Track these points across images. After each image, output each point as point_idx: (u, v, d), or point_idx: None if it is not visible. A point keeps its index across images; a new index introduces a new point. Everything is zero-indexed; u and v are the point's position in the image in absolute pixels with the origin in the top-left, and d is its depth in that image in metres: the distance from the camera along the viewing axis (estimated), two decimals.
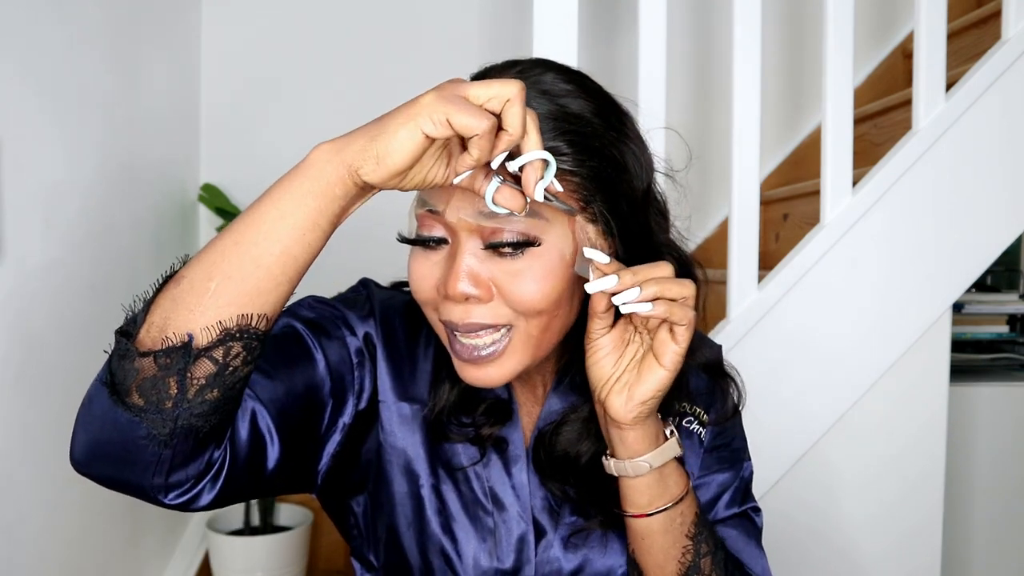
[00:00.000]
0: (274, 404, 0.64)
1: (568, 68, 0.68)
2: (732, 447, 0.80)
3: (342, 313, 0.74)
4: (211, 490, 0.58)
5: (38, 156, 1.26)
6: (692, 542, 0.69)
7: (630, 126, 0.69)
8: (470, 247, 0.62)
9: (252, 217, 0.54)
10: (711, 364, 0.78)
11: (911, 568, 1.49)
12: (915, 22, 1.46)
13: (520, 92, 0.53)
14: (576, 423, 0.73)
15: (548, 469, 0.73)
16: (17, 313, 1.20)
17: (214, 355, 0.52)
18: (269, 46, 2.14)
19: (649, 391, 0.64)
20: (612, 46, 2.23)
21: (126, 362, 0.53)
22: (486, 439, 0.74)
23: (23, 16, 1.20)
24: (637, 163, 0.68)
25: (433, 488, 0.73)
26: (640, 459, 0.67)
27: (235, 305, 0.52)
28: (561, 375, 0.75)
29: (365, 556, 0.77)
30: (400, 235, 0.66)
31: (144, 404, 0.52)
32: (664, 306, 0.61)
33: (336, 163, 0.53)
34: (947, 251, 1.45)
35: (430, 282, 0.65)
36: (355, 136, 0.54)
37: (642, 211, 0.68)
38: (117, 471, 0.55)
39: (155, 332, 0.52)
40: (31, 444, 1.22)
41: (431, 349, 0.76)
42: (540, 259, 0.62)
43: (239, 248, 0.53)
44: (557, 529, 0.74)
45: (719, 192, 2.25)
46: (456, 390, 0.73)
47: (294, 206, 0.53)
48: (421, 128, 0.51)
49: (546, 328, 0.65)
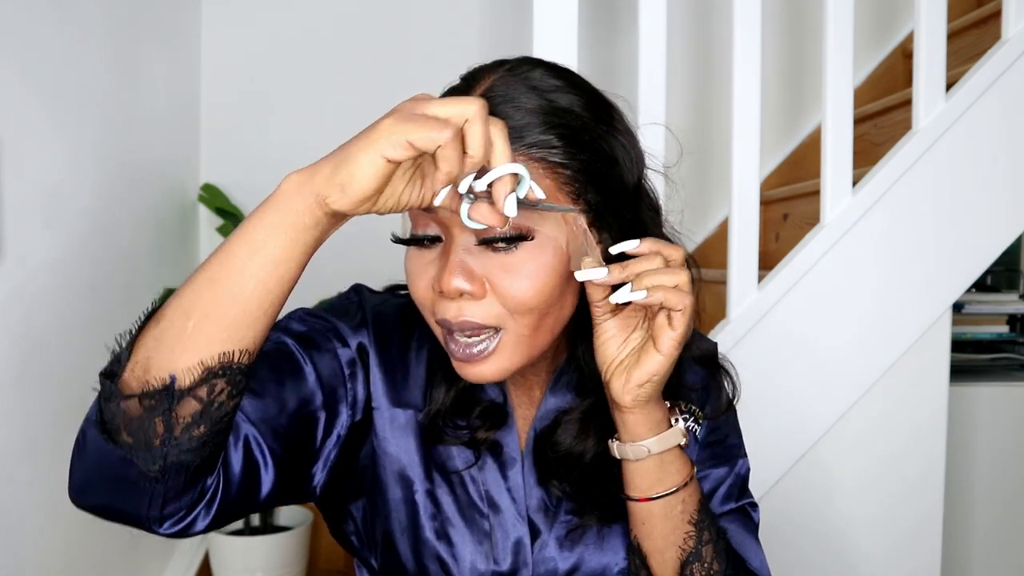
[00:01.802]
0: (266, 424, 0.65)
1: (556, 65, 0.69)
2: (727, 443, 0.80)
3: (333, 324, 0.74)
4: (206, 516, 0.59)
5: (38, 156, 1.26)
6: (695, 529, 0.70)
7: (619, 120, 0.69)
8: (463, 243, 0.62)
9: (225, 254, 0.54)
10: (706, 356, 0.79)
11: (911, 568, 1.49)
12: (915, 22, 1.46)
13: (479, 111, 0.53)
14: (574, 422, 0.73)
15: (550, 469, 0.73)
16: (17, 313, 1.20)
17: (198, 394, 0.53)
18: (269, 46, 2.14)
19: (645, 375, 0.64)
20: (612, 46, 2.23)
21: (112, 404, 0.53)
22: (481, 443, 0.74)
23: (23, 16, 1.20)
24: (627, 156, 0.68)
25: (428, 493, 0.73)
26: (641, 443, 0.67)
27: (215, 343, 0.53)
28: (557, 375, 0.75)
29: (367, 560, 0.77)
30: (394, 235, 0.66)
31: (133, 442, 0.53)
32: (661, 292, 0.62)
33: (304, 194, 0.53)
34: (947, 251, 1.45)
35: (425, 280, 0.65)
36: (321, 165, 0.53)
37: (634, 204, 0.69)
38: (113, 504, 0.57)
39: (139, 372, 0.53)
40: (31, 444, 1.22)
41: (424, 353, 0.76)
42: (534, 253, 0.62)
43: (214, 286, 0.53)
44: (552, 528, 0.74)
45: (719, 192, 2.25)
46: (451, 393, 0.73)
47: (265, 240, 0.53)
48: (381, 153, 0.51)
49: (537, 327, 0.65)
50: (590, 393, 0.73)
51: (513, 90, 0.64)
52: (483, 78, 0.66)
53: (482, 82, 0.66)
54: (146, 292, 1.73)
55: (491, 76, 0.66)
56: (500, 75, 0.66)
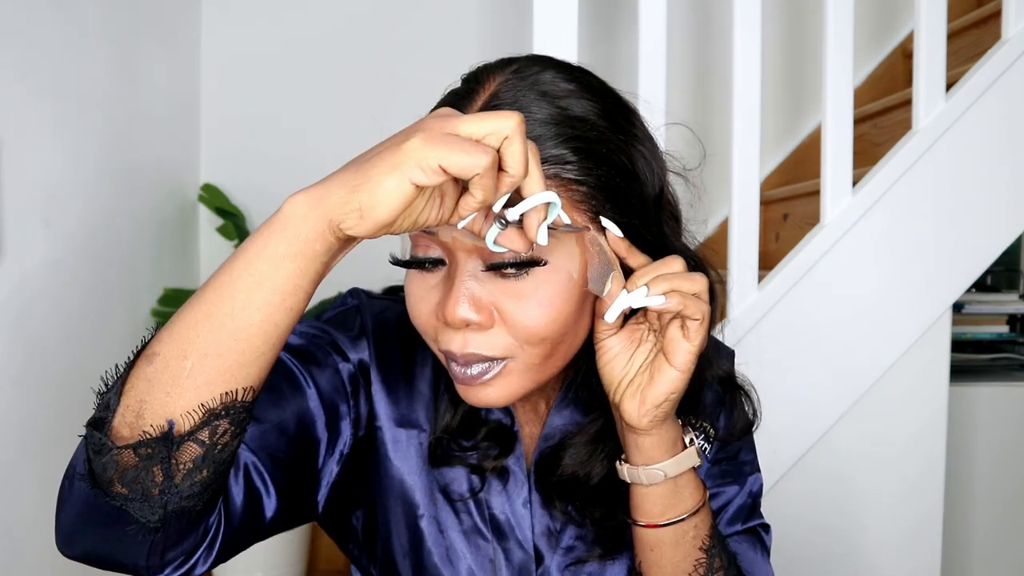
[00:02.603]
0: (266, 451, 0.60)
1: (568, 64, 0.63)
2: (739, 460, 0.75)
3: (332, 337, 0.69)
4: (207, 558, 0.55)
5: (38, 156, 1.26)
6: (706, 555, 0.65)
7: (639, 126, 0.64)
8: (469, 268, 0.57)
9: (224, 286, 0.48)
10: (727, 378, 0.74)
11: (911, 568, 1.49)
12: (915, 22, 1.46)
13: (519, 126, 0.48)
14: (581, 444, 0.68)
15: (554, 492, 0.69)
16: (17, 313, 1.20)
17: (199, 437, 0.48)
18: (269, 46, 2.14)
19: (662, 393, 0.59)
20: (612, 45, 2.23)
21: (102, 457, 0.47)
22: (487, 470, 0.70)
23: (23, 16, 1.20)
24: (648, 167, 0.63)
25: (432, 519, 0.70)
26: (655, 467, 0.63)
27: (216, 383, 0.47)
28: (565, 390, 0.71)
29: (367, 568, 0.75)
30: (393, 256, 0.60)
31: (129, 493, 0.48)
32: (677, 298, 0.57)
33: (314, 218, 0.47)
34: (947, 251, 1.45)
35: (428, 306, 0.60)
36: (333, 185, 0.47)
37: (655, 218, 0.63)
38: (108, 555, 0.52)
39: (131, 418, 0.47)
40: (31, 444, 1.22)
41: (427, 370, 0.71)
42: (546, 280, 0.57)
43: (212, 321, 0.47)
44: (555, 555, 0.71)
45: (719, 192, 2.24)
46: (457, 415, 0.69)
47: (271, 270, 0.47)
48: (409, 178, 0.45)
49: (548, 356, 0.60)
50: (598, 410, 0.69)
51: (522, 97, 0.59)
52: (487, 81, 0.61)
53: (487, 85, 0.61)
54: (146, 292, 1.73)
55: (496, 78, 0.61)
56: (507, 78, 0.60)
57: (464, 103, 0.61)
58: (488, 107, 0.59)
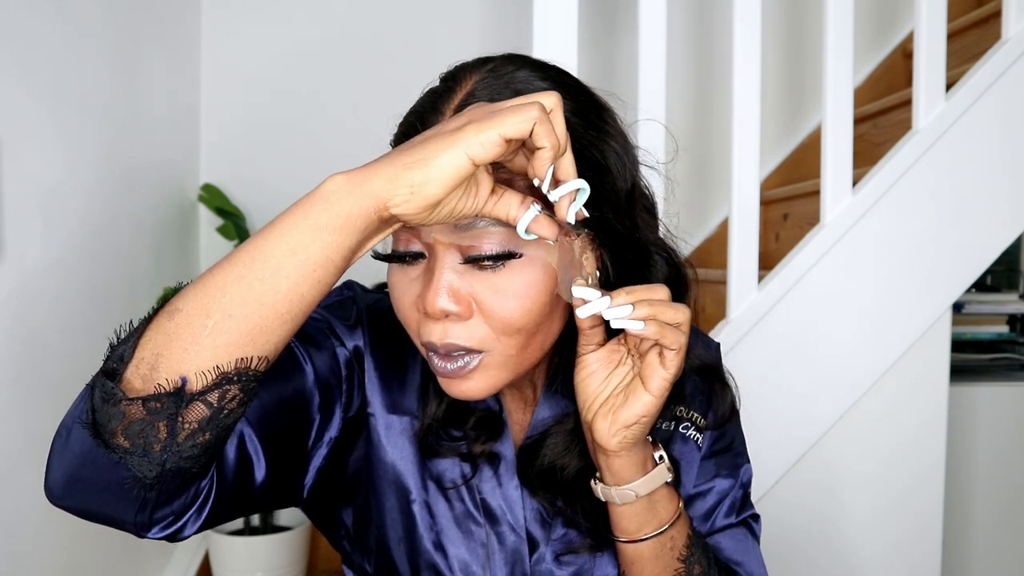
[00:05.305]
0: (261, 423, 0.62)
1: (544, 63, 0.65)
2: (732, 451, 0.77)
3: (330, 322, 0.71)
4: (196, 521, 0.56)
5: (38, 156, 1.26)
6: (684, 565, 0.67)
7: (611, 122, 0.66)
8: (448, 261, 0.59)
9: (259, 250, 0.49)
10: (705, 367, 0.76)
11: (911, 568, 1.49)
12: (915, 22, 1.46)
13: (559, 102, 0.52)
14: (562, 434, 0.70)
15: (534, 480, 0.71)
16: (17, 313, 1.20)
17: (208, 399, 0.49)
18: (269, 46, 2.14)
19: (633, 415, 0.61)
20: (612, 46, 2.23)
21: (110, 406, 0.48)
22: (477, 456, 0.71)
23: (23, 16, 1.20)
24: (620, 162, 0.64)
25: (424, 504, 0.71)
26: (627, 487, 0.64)
27: (234, 346, 0.49)
28: (552, 378, 0.72)
29: (359, 564, 0.76)
30: (374, 251, 0.61)
31: (130, 447, 0.48)
32: (656, 327, 0.58)
33: (359, 194, 0.49)
34: (947, 251, 1.45)
35: (409, 298, 0.62)
36: (380, 166, 0.50)
37: (628, 211, 0.65)
38: (97, 507, 0.53)
39: (144, 370, 0.48)
40: (31, 444, 1.22)
41: (418, 359, 0.73)
42: (522, 271, 0.59)
43: (242, 283, 0.49)
44: (549, 543, 0.72)
45: (719, 192, 2.25)
46: (444, 404, 0.71)
47: (309, 240, 0.49)
48: (467, 153, 0.49)
49: (524, 347, 0.62)
50: None
51: (497, 95, 0.61)
52: (464, 79, 0.63)
53: (464, 83, 0.63)
54: (146, 292, 1.73)
55: (473, 77, 0.63)
56: (483, 76, 0.63)
57: (442, 101, 0.63)
58: (464, 105, 0.61)
